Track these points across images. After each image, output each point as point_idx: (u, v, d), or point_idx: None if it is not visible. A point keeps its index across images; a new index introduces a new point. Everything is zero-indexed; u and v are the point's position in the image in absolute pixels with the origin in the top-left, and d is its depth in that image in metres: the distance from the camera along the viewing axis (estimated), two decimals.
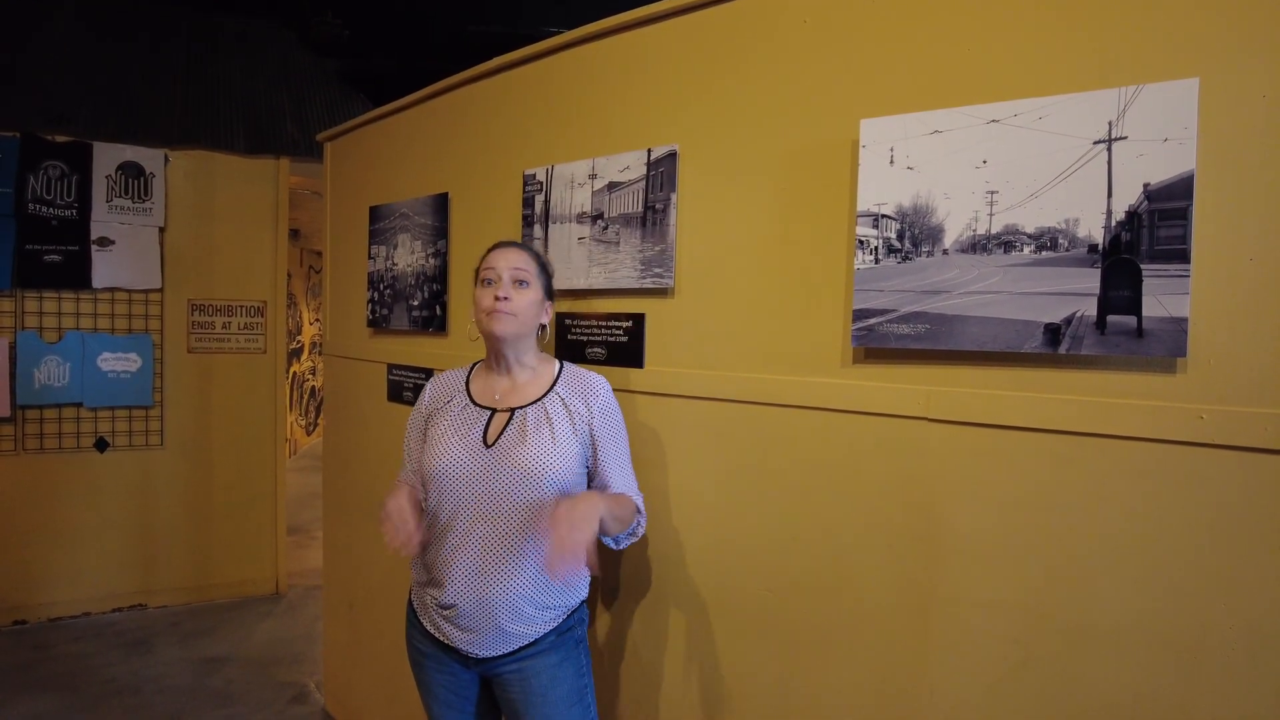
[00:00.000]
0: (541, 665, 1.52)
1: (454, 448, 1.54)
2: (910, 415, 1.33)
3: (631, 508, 1.54)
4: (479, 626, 1.49)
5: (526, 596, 1.49)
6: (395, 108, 2.56)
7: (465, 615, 1.50)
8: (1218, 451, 1.06)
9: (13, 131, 3.77)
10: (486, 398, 1.60)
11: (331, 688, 3.04)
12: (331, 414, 3.02)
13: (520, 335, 1.56)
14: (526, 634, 1.51)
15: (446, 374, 1.71)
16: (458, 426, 1.57)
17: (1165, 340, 1.08)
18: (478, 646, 1.51)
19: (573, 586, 1.56)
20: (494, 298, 1.52)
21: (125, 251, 4.00)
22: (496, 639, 1.50)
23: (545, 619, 1.52)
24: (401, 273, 2.48)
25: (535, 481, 1.48)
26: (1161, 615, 1.10)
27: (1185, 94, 1.06)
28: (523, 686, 1.52)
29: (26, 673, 3.37)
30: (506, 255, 1.57)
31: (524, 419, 1.54)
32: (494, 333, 1.53)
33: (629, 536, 1.58)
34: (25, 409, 3.85)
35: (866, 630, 1.39)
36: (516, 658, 1.52)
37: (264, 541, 4.40)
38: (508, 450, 1.50)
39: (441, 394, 1.66)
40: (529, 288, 1.55)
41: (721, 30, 1.60)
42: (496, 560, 1.48)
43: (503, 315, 1.52)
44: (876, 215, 1.34)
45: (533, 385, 1.60)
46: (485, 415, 1.57)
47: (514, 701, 1.54)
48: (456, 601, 1.50)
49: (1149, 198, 1.09)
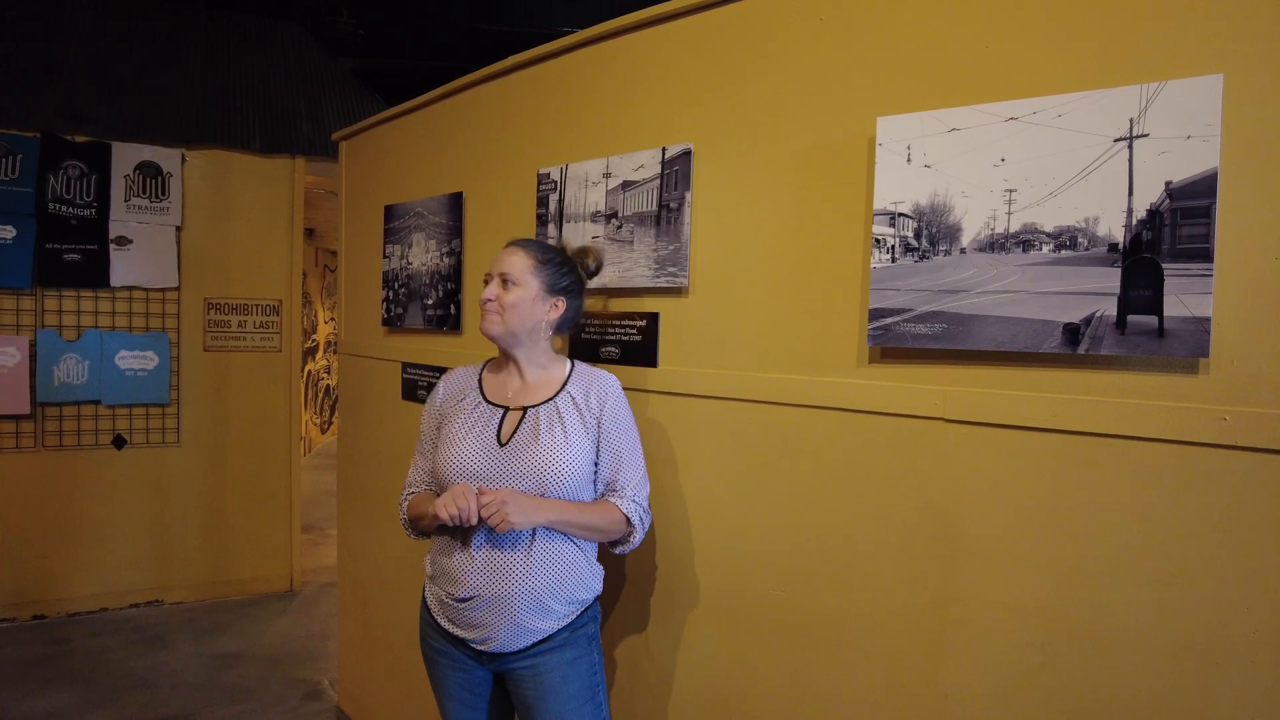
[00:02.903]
0: (555, 661, 1.53)
1: (469, 447, 1.55)
2: (927, 415, 1.32)
3: (613, 518, 1.54)
4: (495, 623, 1.50)
5: (542, 592, 1.50)
6: (410, 107, 2.57)
7: (481, 612, 1.50)
8: (1240, 453, 1.04)
9: (33, 131, 3.81)
10: (499, 396, 1.62)
11: (345, 685, 3.05)
12: (346, 412, 3.04)
13: (513, 333, 1.58)
14: (542, 629, 1.51)
15: (459, 371, 1.72)
16: (472, 425, 1.59)
17: (1187, 340, 1.07)
18: (494, 643, 1.51)
19: (587, 584, 1.57)
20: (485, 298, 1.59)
21: (143, 251, 4.03)
22: (512, 635, 1.50)
23: (560, 615, 1.53)
24: (416, 272, 2.49)
25: (548, 480, 1.49)
26: (1181, 619, 1.09)
27: (1209, 90, 1.04)
28: (536, 682, 1.53)
29: (45, 666, 3.40)
30: (501, 255, 1.61)
31: (536, 418, 1.55)
32: (482, 330, 1.59)
33: (621, 546, 1.59)
34: (45, 406, 3.89)
35: (880, 631, 1.38)
36: (531, 654, 1.52)
37: (279, 539, 4.43)
38: (521, 449, 1.52)
39: (455, 391, 1.68)
40: (517, 286, 1.57)
41: (736, 28, 1.59)
42: (512, 557, 1.49)
43: (488, 314, 1.57)
44: (893, 214, 1.33)
45: (544, 384, 1.61)
46: (498, 414, 1.59)
47: (527, 698, 1.55)
48: (474, 597, 1.50)
49: (1171, 196, 1.08)
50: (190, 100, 4.18)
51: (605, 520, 1.54)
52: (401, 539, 2.57)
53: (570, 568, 1.54)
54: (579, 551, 1.55)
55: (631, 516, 1.55)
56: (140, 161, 4.01)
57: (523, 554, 1.50)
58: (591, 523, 1.52)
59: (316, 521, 5.78)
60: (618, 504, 1.55)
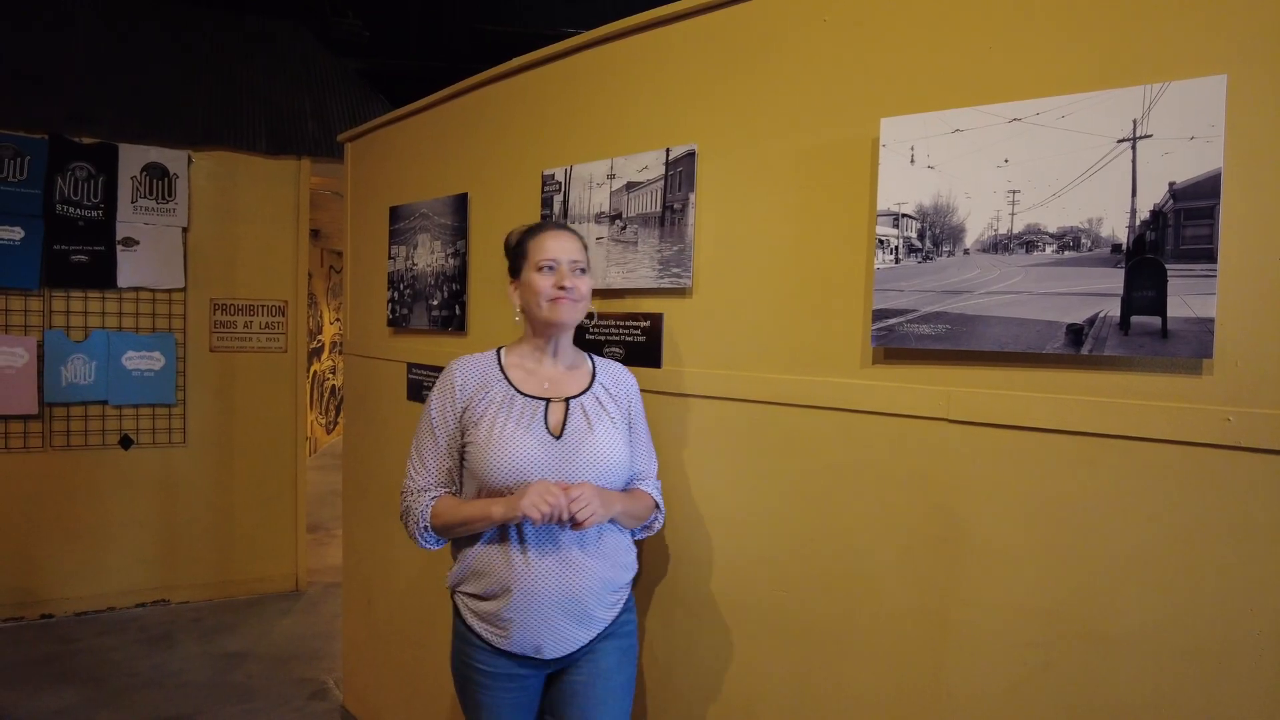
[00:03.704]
0: (610, 647, 1.55)
1: (523, 441, 1.47)
2: (930, 416, 1.32)
3: (648, 504, 1.59)
4: (563, 621, 1.47)
5: (607, 581, 1.51)
6: (415, 108, 2.57)
7: (548, 612, 1.46)
8: (1244, 454, 1.04)
9: (41, 133, 3.83)
10: (533, 387, 1.55)
11: (350, 684, 3.06)
12: (352, 412, 3.04)
13: (577, 322, 1.58)
14: (606, 618, 1.53)
15: (470, 360, 1.59)
16: (516, 418, 1.50)
17: (1191, 341, 1.07)
18: (568, 643, 1.48)
19: (630, 566, 1.60)
20: (556, 285, 1.50)
21: (149, 251, 4.05)
22: (582, 628, 1.49)
23: (616, 601, 1.55)
24: (421, 272, 2.50)
25: (607, 470, 1.49)
26: (1185, 620, 1.09)
27: (1213, 91, 1.04)
28: (592, 667, 1.53)
29: (52, 665, 3.42)
30: (561, 241, 1.54)
31: (582, 409, 1.54)
32: (559, 320, 1.51)
33: (644, 530, 1.62)
34: (52, 406, 3.91)
35: (884, 632, 1.38)
36: (593, 639, 1.53)
37: (284, 538, 4.45)
38: (579, 440, 1.50)
39: (476, 382, 1.55)
40: (586, 274, 1.56)
41: (740, 29, 1.59)
42: (582, 552, 1.48)
43: (567, 302, 1.51)
44: (897, 214, 1.33)
45: (577, 374, 1.60)
46: (540, 405, 1.52)
47: (577, 684, 1.53)
48: (544, 601, 1.45)
49: (1174, 196, 1.08)
50: (196, 102, 4.20)
51: (643, 507, 1.57)
52: (405, 539, 2.57)
53: (626, 553, 1.58)
54: (626, 536, 1.59)
55: (660, 502, 1.62)
56: (147, 163, 4.03)
57: (593, 546, 1.49)
58: (637, 510, 1.55)
59: (322, 521, 5.79)
60: (649, 490, 1.61)
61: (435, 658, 2.46)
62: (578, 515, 1.36)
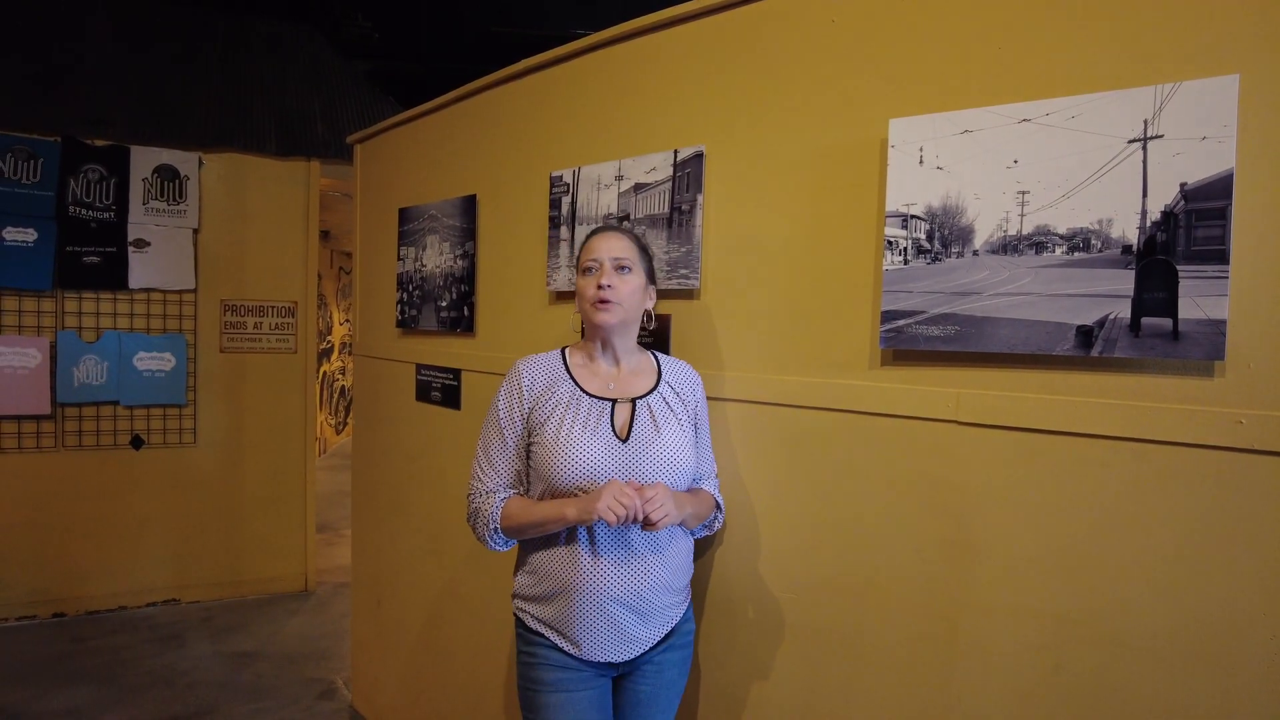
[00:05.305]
0: (674, 659, 1.55)
1: (590, 443, 1.45)
2: (939, 418, 1.31)
3: (710, 503, 1.57)
4: (628, 618, 1.46)
5: (676, 580, 1.52)
6: (424, 110, 2.58)
7: (612, 610, 1.45)
8: (1257, 457, 1.03)
9: (54, 136, 3.86)
10: (597, 387, 1.53)
11: (359, 684, 3.07)
12: (361, 413, 3.06)
13: (626, 323, 1.53)
14: (670, 618, 1.52)
15: (536, 360, 1.58)
16: (582, 420, 1.48)
17: (1202, 343, 1.06)
18: (640, 643, 1.48)
19: (690, 566, 1.59)
20: (597, 286, 1.49)
21: (160, 253, 4.08)
22: (645, 626, 1.48)
23: (681, 601, 1.56)
24: (430, 274, 2.51)
25: (675, 471, 1.48)
26: (1197, 624, 1.08)
27: (1224, 91, 1.04)
28: (657, 679, 1.53)
29: (64, 664, 3.45)
30: (607, 241, 1.53)
31: (648, 409, 1.52)
32: (602, 323, 1.49)
33: (704, 529, 1.61)
34: (65, 406, 3.94)
35: (893, 634, 1.38)
36: (660, 649, 1.52)
37: (294, 539, 4.46)
38: (646, 443, 1.48)
39: (543, 381, 1.54)
40: (631, 273, 1.51)
41: (748, 31, 1.59)
42: (653, 554, 1.47)
43: (609, 305, 1.49)
44: (905, 216, 1.33)
45: (642, 374, 1.58)
46: (606, 406, 1.51)
47: (643, 693, 1.53)
48: (608, 596, 1.44)
49: (1186, 197, 1.07)
50: (207, 104, 4.22)
51: (707, 507, 1.56)
52: (414, 539, 2.59)
53: (688, 554, 1.58)
54: (689, 539, 1.59)
55: (720, 500, 1.60)
56: (158, 165, 4.05)
57: (666, 546, 1.49)
58: (701, 510, 1.54)
59: (331, 522, 5.81)
60: (710, 490, 1.59)
61: (443, 658, 2.47)
62: (652, 516, 1.35)
